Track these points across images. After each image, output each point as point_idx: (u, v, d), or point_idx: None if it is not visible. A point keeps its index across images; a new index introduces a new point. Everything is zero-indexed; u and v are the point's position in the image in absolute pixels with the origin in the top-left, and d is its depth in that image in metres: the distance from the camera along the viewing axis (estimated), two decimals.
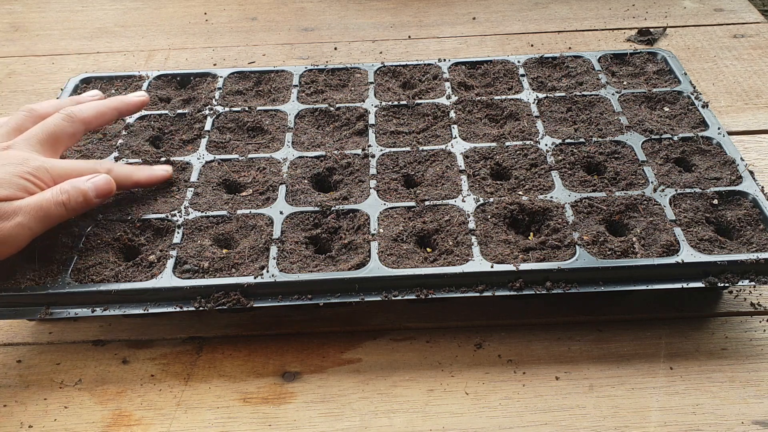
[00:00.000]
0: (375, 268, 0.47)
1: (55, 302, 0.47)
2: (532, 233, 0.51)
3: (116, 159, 0.58)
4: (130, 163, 0.57)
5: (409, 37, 0.85)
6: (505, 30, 0.85)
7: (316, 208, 0.53)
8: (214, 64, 0.80)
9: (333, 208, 0.53)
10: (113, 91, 0.67)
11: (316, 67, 0.69)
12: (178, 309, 0.47)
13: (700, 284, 0.46)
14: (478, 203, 0.52)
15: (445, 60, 0.69)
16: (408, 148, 0.58)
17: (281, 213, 0.52)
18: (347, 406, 0.46)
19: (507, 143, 0.58)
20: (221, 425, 0.45)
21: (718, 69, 0.76)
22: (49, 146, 0.51)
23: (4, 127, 0.52)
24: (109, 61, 0.82)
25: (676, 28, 0.84)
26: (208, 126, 0.61)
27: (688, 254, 0.47)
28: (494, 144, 0.58)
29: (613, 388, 0.46)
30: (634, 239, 0.49)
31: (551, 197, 0.52)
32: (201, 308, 0.46)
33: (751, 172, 0.54)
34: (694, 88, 0.63)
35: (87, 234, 0.51)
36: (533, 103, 0.62)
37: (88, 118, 0.54)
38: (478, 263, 0.47)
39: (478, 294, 0.46)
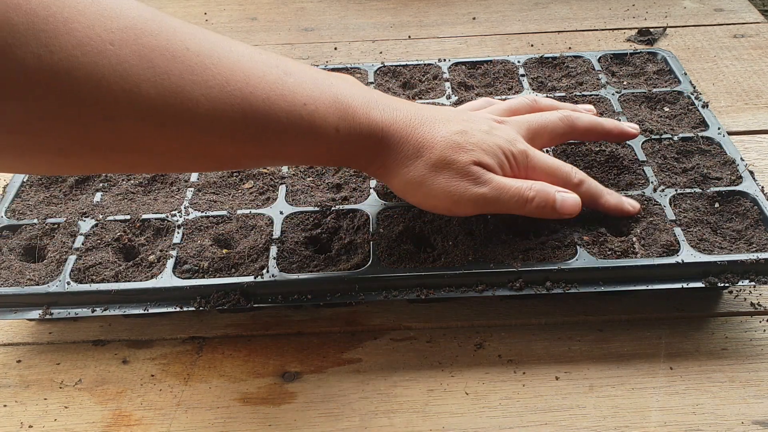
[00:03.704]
0: (375, 268, 0.47)
1: (55, 302, 0.47)
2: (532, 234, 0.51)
3: None
4: None
5: (409, 37, 0.85)
6: (505, 30, 0.85)
7: (316, 208, 0.53)
8: None
9: (333, 208, 0.53)
10: None
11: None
12: (178, 309, 0.47)
13: (700, 284, 0.46)
14: None
15: (445, 60, 0.69)
16: None
17: (281, 213, 0.52)
18: (347, 406, 0.46)
19: None
20: (221, 425, 0.45)
21: (718, 69, 0.76)
22: (533, 136, 0.51)
23: (504, 104, 0.54)
24: None
25: (676, 28, 0.84)
26: None
27: (688, 254, 0.47)
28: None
29: (613, 388, 0.46)
30: (634, 239, 0.49)
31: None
32: (201, 308, 0.46)
33: (751, 172, 0.54)
34: (694, 88, 0.63)
35: (87, 234, 0.51)
36: None
37: (581, 128, 0.52)
38: (478, 263, 0.47)
39: (478, 294, 0.46)
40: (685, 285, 0.46)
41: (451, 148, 0.45)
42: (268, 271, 0.47)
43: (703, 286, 0.46)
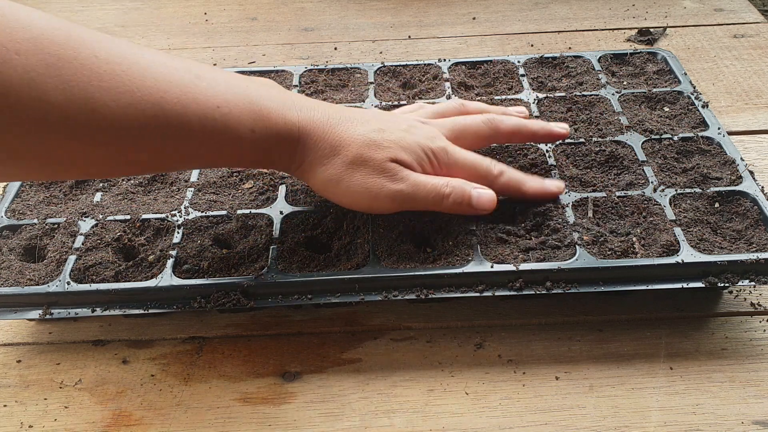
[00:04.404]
0: (375, 268, 0.47)
1: (55, 302, 0.47)
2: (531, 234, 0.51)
3: None
4: None
5: (409, 37, 0.85)
6: (505, 30, 0.85)
7: (316, 208, 0.53)
8: (214, 64, 0.80)
9: (333, 208, 0.53)
10: None
11: (316, 67, 0.69)
12: (178, 309, 0.47)
13: (700, 284, 0.46)
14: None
15: (445, 60, 0.69)
16: None
17: (281, 213, 0.52)
18: (347, 406, 0.46)
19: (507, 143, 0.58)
20: (221, 425, 0.45)
21: (718, 69, 0.76)
22: (457, 136, 0.51)
23: (431, 108, 0.55)
24: None
25: (676, 28, 0.84)
26: None
27: (688, 254, 0.47)
28: (494, 144, 0.58)
29: (613, 388, 0.46)
30: (634, 239, 0.49)
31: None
32: (201, 308, 0.46)
33: (751, 172, 0.54)
34: (694, 88, 0.63)
35: (87, 234, 0.51)
36: (533, 103, 0.62)
37: (505, 131, 0.53)
38: (478, 263, 0.47)
39: (478, 294, 0.46)
40: (685, 285, 0.46)
41: (367, 145, 0.46)
42: (268, 271, 0.47)
43: (703, 286, 0.46)
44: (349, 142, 0.46)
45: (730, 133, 0.62)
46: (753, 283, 0.46)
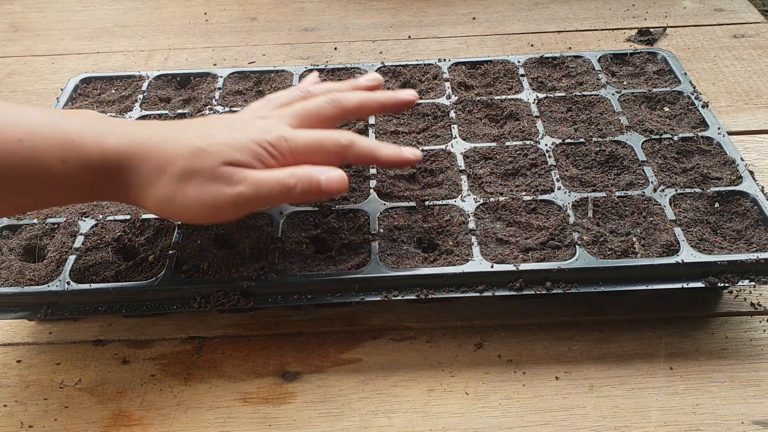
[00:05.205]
0: (375, 268, 0.47)
1: (55, 302, 0.47)
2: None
3: None
4: None
5: (409, 37, 0.85)
6: (505, 30, 0.85)
7: (316, 208, 0.53)
8: (214, 64, 0.80)
9: (333, 208, 0.53)
10: (113, 90, 0.67)
11: (316, 67, 0.69)
12: (178, 309, 0.47)
13: (700, 284, 0.46)
14: (478, 203, 0.52)
15: (445, 60, 0.69)
16: None
17: (281, 213, 0.52)
18: (347, 406, 0.46)
19: (507, 143, 0.58)
20: (221, 425, 0.45)
21: (718, 69, 0.76)
22: (302, 123, 0.48)
23: (275, 101, 0.51)
24: (109, 61, 0.82)
25: (676, 28, 0.84)
26: None
27: (688, 254, 0.47)
28: (494, 144, 0.58)
29: (613, 388, 0.46)
30: (634, 239, 0.49)
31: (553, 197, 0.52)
32: (201, 308, 0.46)
33: (751, 172, 0.54)
34: (694, 88, 0.63)
35: (87, 234, 0.51)
36: (533, 103, 0.62)
37: (351, 107, 0.51)
38: (478, 263, 0.47)
39: (478, 294, 0.46)
40: (685, 285, 0.46)
41: (194, 155, 0.43)
42: (268, 271, 0.47)
43: (703, 286, 0.46)
44: (174, 156, 0.43)
45: (730, 133, 0.62)
46: (753, 283, 0.46)
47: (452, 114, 0.62)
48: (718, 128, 0.58)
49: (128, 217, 0.53)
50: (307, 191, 0.45)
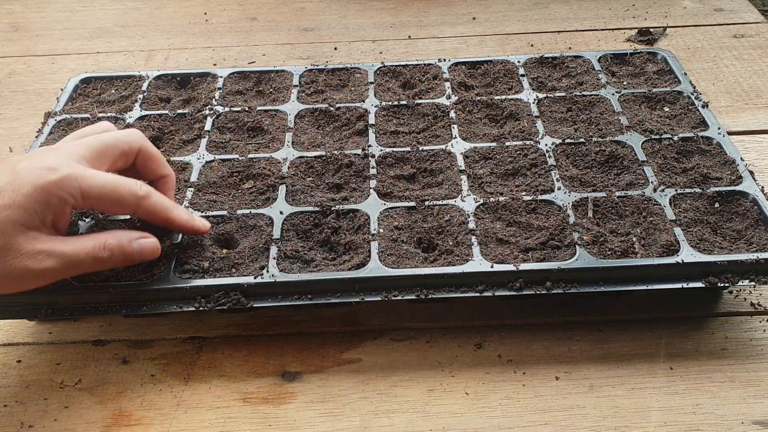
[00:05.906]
0: (375, 268, 0.47)
1: (56, 302, 0.47)
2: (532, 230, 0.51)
3: None
4: None
5: (409, 37, 0.85)
6: (505, 30, 0.85)
7: (316, 208, 0.53)
8: (214, 64, 0.80)
9: (333, 208, 0.53)
10: (113, 90, 0.67)
11: (316, 67, 0.69)
12: (178, 309, 0.47)
13: (700, 284, 0.46)
14: (478, 203, 0.52)
15: (445, 60, 0.69)
16: (408, 148, 0.58)
17: (281, 213, 0.52)
18: (347, 406, 0.46)
19: (507, 143, 0.58)
20: (221, 425, 0.45)
21: (718, 69, 0.76)
22: (98, 158, 0.46)
23: (78, 132, 0.50)
24: (109, 61, 0.82)
25: (676, 28, 0.84)
26: (208, 126, 0.61)
27: (688, 254, 0.47)
28: (494, 144, 0.58)
29: (613, 388, 0.46)
30: (634, 239, 0.49)
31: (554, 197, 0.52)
32: (201, 308, 0.46)
33: (751, 172, 0.54)
34: (694, 88, 0.63)
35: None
36: (533, 103, 0.62)
37: (150, 149, 0.50)
38: (478, 263, 0.47)
39: (478, 294, 0.46)
40: (685, 285, 0.46)
41: None
42: (268, 271, 0.47)
43: (703, 286, 0.46)
44: None
45: (730, 133, 0.62)
46: (753, 283, 0.46)
47: (452, 114, 0.62)
48: (718, 128, 0.58)
49: (128, 217, 0.53)
50: (123, 261, 0.46)
